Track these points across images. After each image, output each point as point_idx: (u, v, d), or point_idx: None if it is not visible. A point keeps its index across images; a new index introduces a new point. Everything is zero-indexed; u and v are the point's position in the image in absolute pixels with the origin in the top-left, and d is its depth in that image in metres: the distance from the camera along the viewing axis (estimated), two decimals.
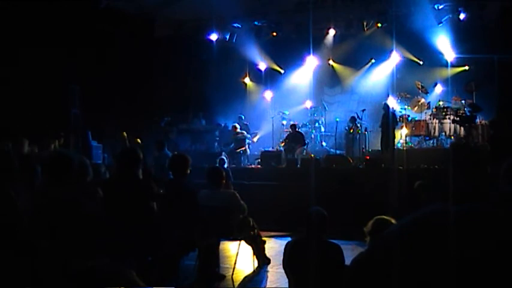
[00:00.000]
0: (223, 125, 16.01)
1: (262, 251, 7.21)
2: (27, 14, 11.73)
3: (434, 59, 14.23)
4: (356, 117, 13.86)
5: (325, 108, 15.48)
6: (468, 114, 11.86)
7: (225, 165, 10.46)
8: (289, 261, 4.38)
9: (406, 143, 12.86)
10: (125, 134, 12.05)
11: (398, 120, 12.73)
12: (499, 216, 0.95)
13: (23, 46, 11.76)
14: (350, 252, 4.51)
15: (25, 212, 3.19)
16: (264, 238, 7.33)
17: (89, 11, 12.80)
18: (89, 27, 12.78)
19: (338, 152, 13.90)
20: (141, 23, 14.28)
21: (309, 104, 15.53)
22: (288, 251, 4.41)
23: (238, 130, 14.11)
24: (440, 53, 14.05)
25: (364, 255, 1.08)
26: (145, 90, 14.42)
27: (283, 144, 13.76)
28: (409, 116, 13.15)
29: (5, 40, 11.44)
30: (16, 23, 11.72)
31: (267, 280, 6.62)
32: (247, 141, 14.07)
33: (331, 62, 16.18)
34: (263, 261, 7.11)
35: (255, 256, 7.10)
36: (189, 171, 5.64)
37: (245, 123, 15.00)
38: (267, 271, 6.97)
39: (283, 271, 4.50)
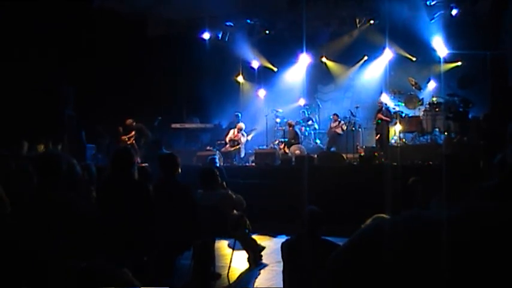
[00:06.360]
0: (216, 123, 15.97)
1: (257, 251, 7.24)
2: (20, 15, 11.67)
3: (427, 55, 14.24)
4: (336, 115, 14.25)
5: (318, 105, 15.51)
6: (461, 110, 11.90)
7: (217, 165, 10.41)
8: (285, 260, 4.39)
9: (400, 139, 12.89)
10: (120, 129, 12.11)
11: (392, 116, 12.78)
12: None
13: (16, 48, 11.71)
14: None
15: (22, 213, 3.19)
16: (259, 237, 7.34)
17: (81, 12, 12.75)
18: (82, 28, 12.74)
19: (332, 149, 13.93)
20: (134, 23, 14.23)
21: (302, 101, 15.54)
22: (284, 250, 4.42)
23: (243, 131, 13.99)
24: (433, 49, 14.06)
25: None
26: (139, 90, 14.37)
27: (282, 145, 13.74)
28: (402, 112, 13.18)
29: None
30: (9, 24, 11.67)
31: (262, 278, 6.63)
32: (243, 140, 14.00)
33: (324, 59, 16.19)
34: (256, 260, 7.15)
35: (248, 255, 7.13)
36: (179, 170, 5.64)
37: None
38: (262, 269, 6.99)
39: (278, 269, 4.52)
